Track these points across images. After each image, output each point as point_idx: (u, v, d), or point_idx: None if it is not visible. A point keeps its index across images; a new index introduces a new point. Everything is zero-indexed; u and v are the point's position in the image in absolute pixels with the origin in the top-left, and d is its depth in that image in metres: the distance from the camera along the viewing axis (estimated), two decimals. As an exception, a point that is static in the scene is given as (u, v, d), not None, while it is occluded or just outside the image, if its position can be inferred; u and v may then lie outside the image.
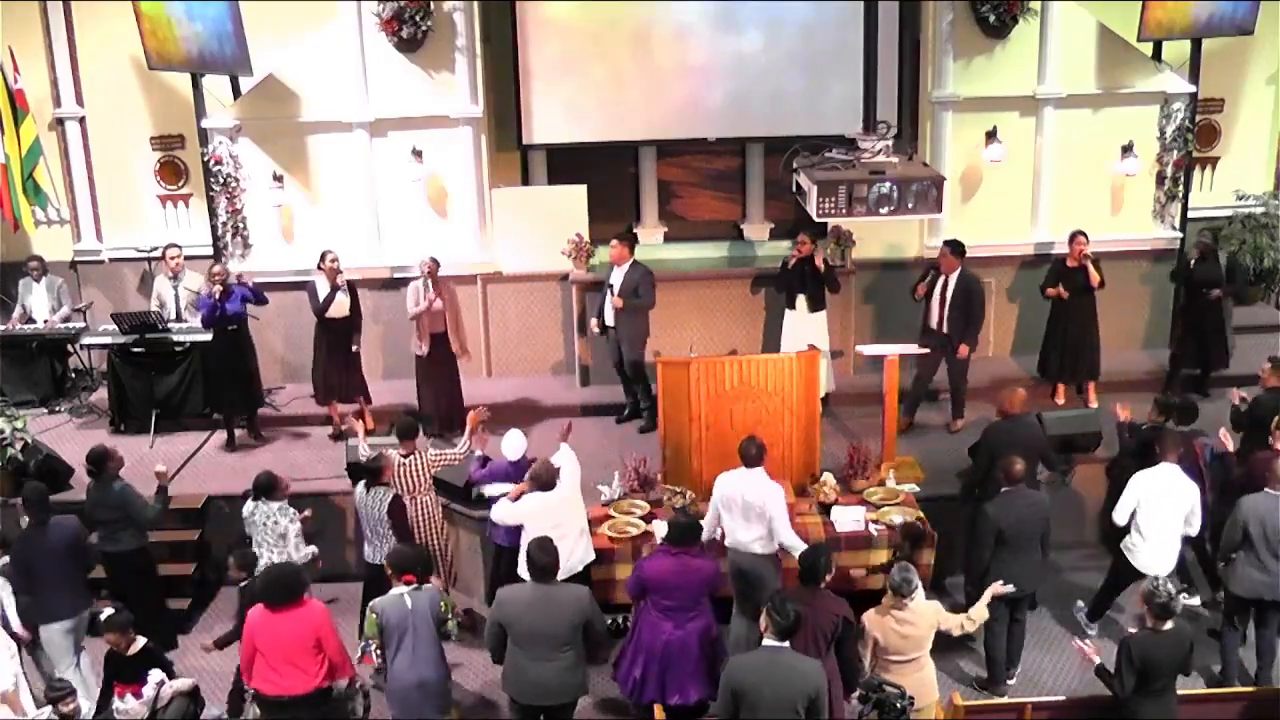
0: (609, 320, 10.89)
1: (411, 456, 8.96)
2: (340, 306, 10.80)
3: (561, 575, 7.50)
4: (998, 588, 7.73)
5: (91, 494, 8.88)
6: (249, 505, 8.62)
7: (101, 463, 8.79)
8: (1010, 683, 8.53)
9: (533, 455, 8.82)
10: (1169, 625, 6.90)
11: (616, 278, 10.83)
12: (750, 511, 8.02)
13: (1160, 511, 8.40)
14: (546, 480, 8.27)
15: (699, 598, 7.64)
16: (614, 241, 10.91)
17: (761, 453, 8.16)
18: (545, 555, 7.17)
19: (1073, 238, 11.00)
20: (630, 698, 7.90)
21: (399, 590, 7.37)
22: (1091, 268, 10.90)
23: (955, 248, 10.73)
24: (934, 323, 10.84)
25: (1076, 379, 11.34)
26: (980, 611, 7.55)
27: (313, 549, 8.65)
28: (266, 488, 8.57)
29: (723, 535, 8.27)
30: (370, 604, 7.45)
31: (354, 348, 10.95)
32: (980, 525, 8.24)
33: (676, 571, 7.57)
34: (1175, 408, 9.26)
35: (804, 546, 7.83)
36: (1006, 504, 8.18)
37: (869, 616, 7.11)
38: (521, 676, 7.23)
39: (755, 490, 8.04)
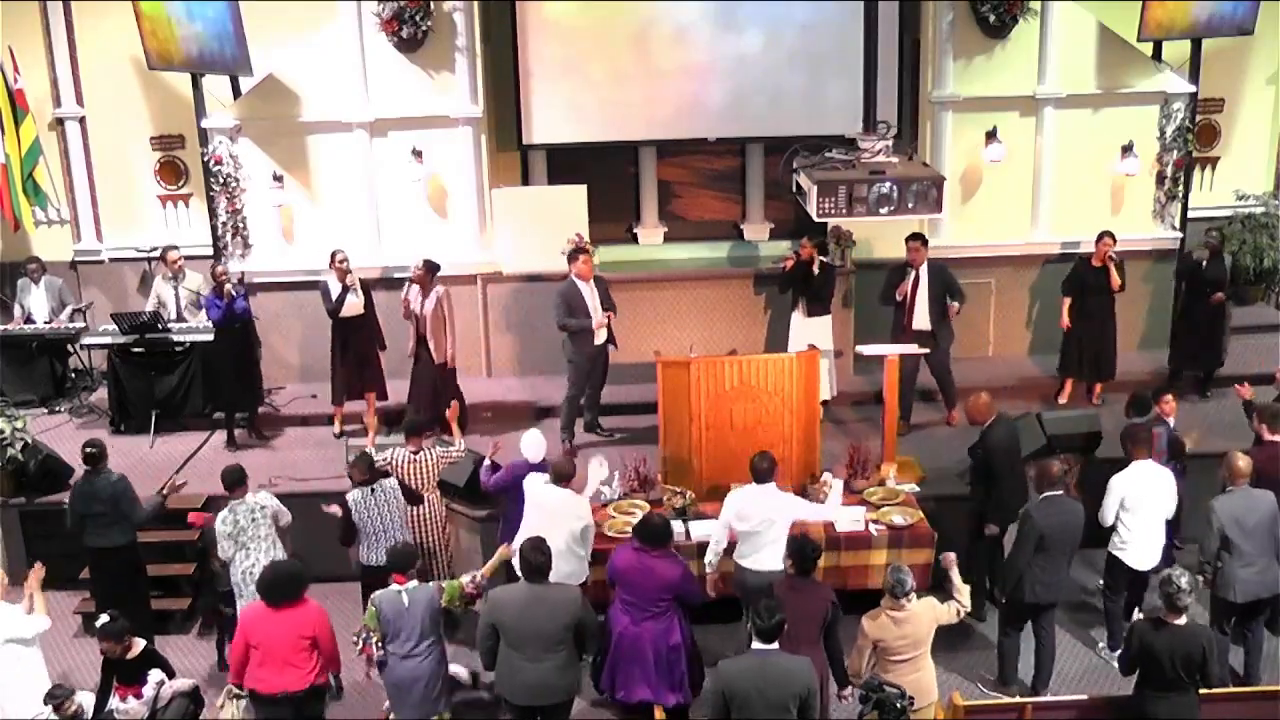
0: (602, 337, 10.68)
1: (421, 454, 8.98)
2: (353, 306, 10.79)
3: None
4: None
5: (81, 487, 8.82)
6: (227, 515, 8.44)
7: (102, 455, 8.78)
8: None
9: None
10: (1180, 620, 6.82)
11: (593, 295, 10.59)
12: (772, 527, 7.99)
13: (1143, 508, 8.40)
14: (563, 471, 8.30)
15: (658, 599, 7.60)
16: (585, 256, 10.63)
17: (773, 468, 8.14)
18: (539, 555, 7.19)
19: (1099, 238, 11.03)
20: (593, 684, 7.95)
21: (397, 587, 7.39)
22: (1113, 270, 10.92)
23: (923, 240, 10.86)
24: (920, 322, 10.84)
25: (1094, 377, 11.36)
26: (964, 588, 7.41)
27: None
28: (239, 480, 8.52)
29: (730, 549, 8.27)
30: (371, 596, 7.49)
31: (378, 349, 10.99)
32: (1023, 530, 8.01)
33: (636, 569, 7.58)
34: (1132, 402, 9.38)
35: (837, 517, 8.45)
36: (1049, 509, 8.01)
37: (867, 620, 7.09)
38: (515, 677, 7.24)
39: (773, 506, 8.05)
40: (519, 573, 7.45)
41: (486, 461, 9.10)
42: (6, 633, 7.63)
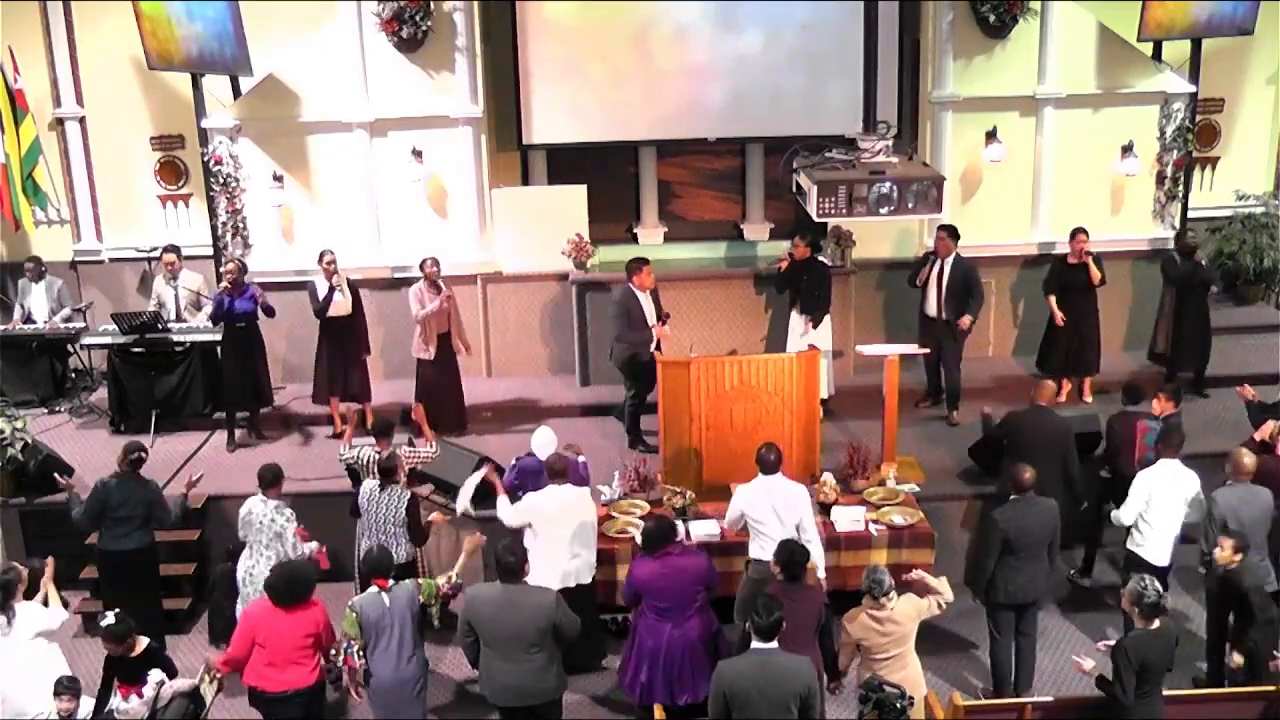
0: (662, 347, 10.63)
1: (384, 454, 8.97)
2: (340, 306, 10.79)
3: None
4: None
5: (112, 492, 8.71)
6: (249, 504, 8.57)
7: (141, 460, 8.78)
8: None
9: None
10: (1157, 624, 6.89)
11: (650, 304, 10.59)
12: (783, 520, 7.99)
13: (1165, 506, 8.40)
14: (557, 469, 8.32)
15: (694, 596, 7.61)
16: (646, 266, 10.56)
17: (780, 459, 8.15)
18: (510, 556, 7.18)
19: (1073, 235, 11.06)
20: (640, 702, 7.85)
21: (376, 589, 7.37)
22: (1092, 265, 10.94)
23: (951, 232, 10.92)
24: (931, 309, 11.01)
25: (1078, 375, 11.36)
26: (942, 582, 7.44)
27: (313, 544, 8.60)
28: (274, 480, 8.55)
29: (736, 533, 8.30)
30: (350, 602, 7.46)
31: (364, 355, 11.00)
32: (987, 533, 8.11)
33: (663, 574, 7.55)
34: (1127, 391, 9.48)
35: (821, 555, 8.09)
36: (1014, 512, 8.06)
37: (847, 619, 7.11)
38: (494, 677, 7.24)
39: (783, 496, 8.06)
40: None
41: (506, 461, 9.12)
42: (35, 627, 7.67)
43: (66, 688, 7.29)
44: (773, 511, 8.03)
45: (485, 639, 7.18)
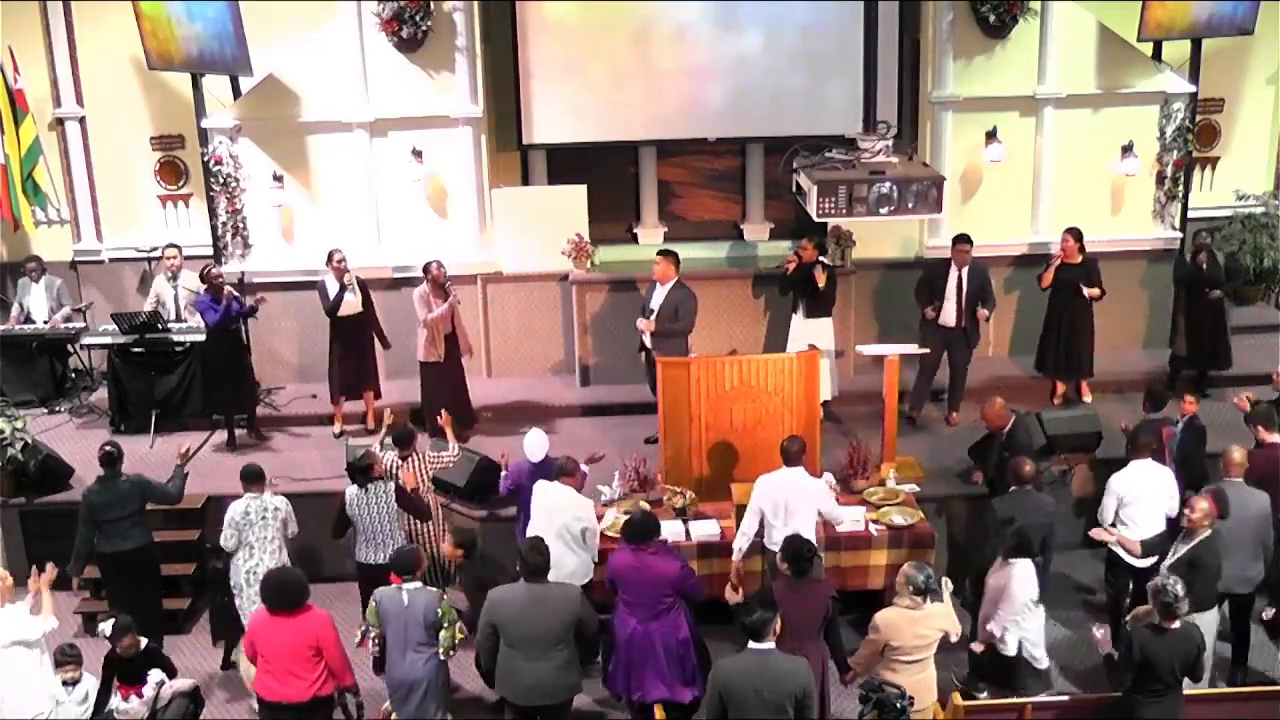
0: (647, 342, 10.62)
1: (409, 459, 8.99)
2: (350, 305, 10.81)
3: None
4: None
5: (97, 495, 8.74)
6: (240, 505, 8.52)
7: (118, 459, 8.77)
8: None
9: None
10: (1175, 625, 6.83)
11: (657, 298, 10.58)
12: (797, 512, 8.07)
13: (1141, 507, 8.42)
14: (567, 470, 8.37)
15: (661, 597, 7.60)
16: (659, 258, 10.60)
17: (803, 450, 8.25)
18: (537, 555, 7.22)
19: (1064, 236, 11.03)
20: (608, 690, 7.94)
21: (397, 585, 7.38)
22: (1090, 290, 10.92)
23: (970, 240, 10.90)
24: (949, 319, 10.90)
25: (1072, 375, 11.35)
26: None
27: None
28: (258, 476, 8.58)
29: (760, 535, 8.30)
30: (374, 593, 7.47)
31: (383, 346, 11.08)
32: (986, 521, 8.19)
33: (634, 568, 7.58)
34: (1148, 396, 9.43)
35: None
36: (1013, 503, 8.15)
37: (885, 615, 7.09)
38: (515, 677, 7.25)
39: (800, 490, 8.15)
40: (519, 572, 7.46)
41: (504, 471, 9.08)
42: (12, 634, 7.62)
43: (68, 655, 7.30)
44: (786, 505, 8.10)
45: (509, 639, 7.20)
